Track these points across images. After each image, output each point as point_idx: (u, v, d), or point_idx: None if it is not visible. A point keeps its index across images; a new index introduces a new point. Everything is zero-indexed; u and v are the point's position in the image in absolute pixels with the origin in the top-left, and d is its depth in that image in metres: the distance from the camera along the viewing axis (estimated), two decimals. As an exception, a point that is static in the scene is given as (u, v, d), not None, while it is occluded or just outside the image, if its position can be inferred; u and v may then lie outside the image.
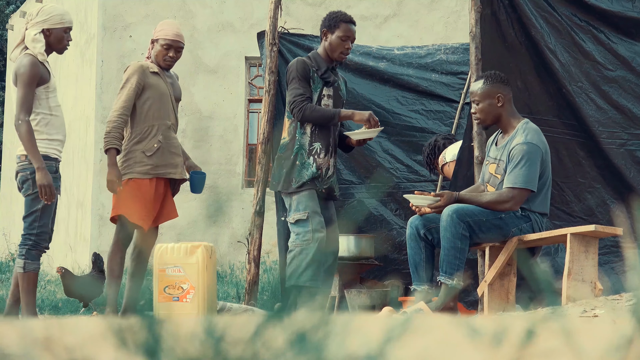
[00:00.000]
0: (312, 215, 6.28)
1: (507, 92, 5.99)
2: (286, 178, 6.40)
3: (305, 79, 6.38)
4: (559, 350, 1.51)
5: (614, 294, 5.03)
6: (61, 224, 14.58)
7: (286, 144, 6.45)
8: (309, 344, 1.31)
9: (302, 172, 6.37)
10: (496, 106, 5.94)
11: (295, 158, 6.40)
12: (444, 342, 1.68)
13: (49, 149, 6.05)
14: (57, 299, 8.68)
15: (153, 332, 1.32)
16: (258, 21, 13.34)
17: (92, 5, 14.16)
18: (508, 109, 5.98)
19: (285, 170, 6.41)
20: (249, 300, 7.15)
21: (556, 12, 6.94)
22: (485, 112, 5.94)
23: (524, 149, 5.79)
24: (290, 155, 6.41)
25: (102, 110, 13.66)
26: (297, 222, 6.29)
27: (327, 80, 6.44)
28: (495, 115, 5.97)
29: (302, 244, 6.24)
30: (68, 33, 6.22)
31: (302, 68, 6.37)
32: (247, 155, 13.89)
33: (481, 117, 5.97)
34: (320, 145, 6.42)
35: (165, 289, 6.43)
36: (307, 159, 6.39)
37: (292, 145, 6.42)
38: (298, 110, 6.33)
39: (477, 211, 5.74)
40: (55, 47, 6.21)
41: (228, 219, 13.61)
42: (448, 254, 5.65)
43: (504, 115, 5.97)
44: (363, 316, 1.83)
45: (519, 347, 1.43)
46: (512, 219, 5.84)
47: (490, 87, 5.94)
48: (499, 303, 5.99)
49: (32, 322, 2.14)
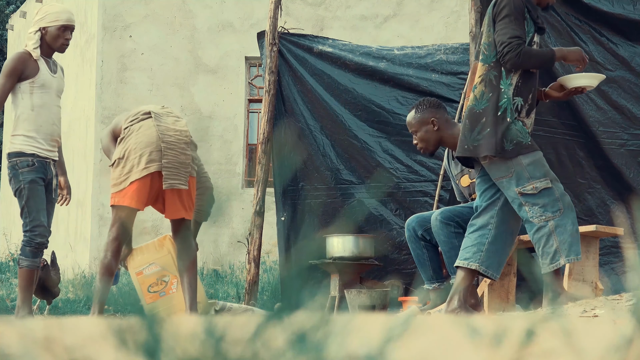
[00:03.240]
0: (554, 181, 5.17)
1: (441, 114, 6.02)
2: (495, 139, 5.14)
3: (521, 18, 5.19)
4: (559, 350, 1.51)
5: (614, 294, 5.03)
6: (61, 224, 14.58)
7: (487, 97, 5.19)
8: (309, 344, 1.31)
9: (514, 130, 5.18)
10: (433, 131, 5.95)
11: (505, 114, 5.18)
12: (444, 342, 1.69)
13: (24, 146, 6.06)
14: (56, 299, 8.68)
15: (153, 332, 1.32)
16: (258, 21, 13.34)
17: (92, 5, 14.16)
18: (446, 128, 5.99)
19: (489, 130, 5.15)
20: (249, 300, 7.15)
21: (556, 12, 6.95)
22: (425, 139, 5.97)
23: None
24: (496, 110, 5.17)
25: (102, 110, 13.66)
26: (541, 192, 5.09)
27: (540, 26, 5.31)
28: (435, 140, 6.00)
29: (554, 216, 5.09)
30: (67, 31, 6.21)
31: (519, 4, 5.16)
32: (247, 155, 13.89)
33: (423, 146, 6.00)
34: (522, 100, 5.25)
35: (149, 289, 6.45)
36: (515, 115, 5.22)
37: (497, 99, 5.18)
38: (515, 55, 5.09)
39: (464, 209, 5.73)
40: (53, 45, 6.21)
41: (228, 219, 13.61)
42: (449, 255, 5.65)
43: (445, 135, 5.99)
44: (363, 316, 1.84)
45: (519, 347, 1.43)
46: None
47: (422, 114, 5.99)
48: (499, 303, 5.99)
49: (32, 322, 2.14)
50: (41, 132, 6.12)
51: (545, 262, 5.05)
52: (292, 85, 7.59)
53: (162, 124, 6.05)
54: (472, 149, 5.16)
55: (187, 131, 6.14)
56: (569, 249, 5.03)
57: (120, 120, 6.25)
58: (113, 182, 5.98)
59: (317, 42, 7.69)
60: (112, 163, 6.03)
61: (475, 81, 5.23)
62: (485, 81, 5.18)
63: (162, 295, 6.45)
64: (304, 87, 7.58)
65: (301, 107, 7.58)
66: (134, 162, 5.94)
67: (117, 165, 5.97)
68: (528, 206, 5.08)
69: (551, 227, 5.05)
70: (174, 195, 6.01)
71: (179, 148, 6.01)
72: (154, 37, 13.66)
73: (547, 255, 5.05)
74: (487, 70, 5.19)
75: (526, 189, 5.07)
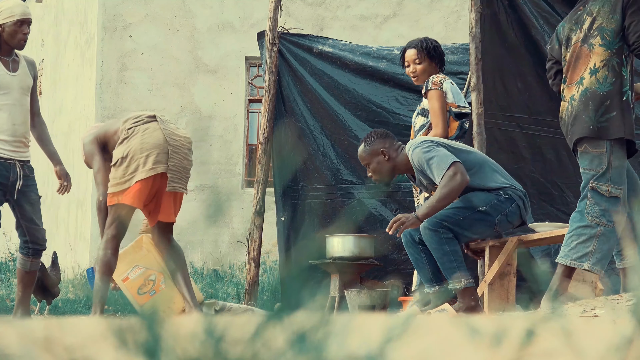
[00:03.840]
0: (624, 196, 5.08)
1: (389, 144, 6.01)
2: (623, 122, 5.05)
3: None
4: (559, 350, 1.51)
5: (614, 294, 5.03)
6: (61, 224, 14.59)
7: (611, 81, 5.07)
8: (309, 344, 1.31)
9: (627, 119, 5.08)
10: (384, 161, 5.97)
11: (628, 100, 5.10)
12: (444, 342, 1.69)
13: None
14: (56, 299, 8.69)
15: (153, 332, 1.32)
16: (258, 21, 13.34)
17: (92, 5, 14.16)
18: (397, 156, 5.99)
19: (615, 114, 5.03)
20: (249, 300, 7.15)
21: (556, 12, 6.94)
22: (378, 171, 5.98)
23: (419, 153, 5.78)
24: (621, 96, 5.08)
25: (102, 110, 13.66)
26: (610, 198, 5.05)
27: None
28: (388, 170, 6.00)
29: (607, 225, 5.02)
30: (24, 26, 6.02)
31: None
32: (247, 155, 13.89)
33: (377, 177, 6.01)
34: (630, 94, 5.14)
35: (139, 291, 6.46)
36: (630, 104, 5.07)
37: (620, 85, 5.07)
38: None
39: (450, 212, 5.72)
40: (10, 42, 6.03)
41: (228, 219, 13.61)
42: (443, 261, 5.65)
43: (397, 163, 5.99)
44: (363, 316, 1.84)
45: (519, 347, 1.43)
46: (493, 207, 5.77)
47: (371, 146, 5.99)
48: (499, 303, 5.99)
49: (32, 322, 2.14)
50: (1, 134, 6.03)
51: (570, 254, 5.04)
52: (292, 85, 7.59)
53: (167, 128, 6.10)
54: (597, 129, 5.06)
55: (189, 138, 6.22)
56: (599, 260, 5.01)
57: (109, 127, 6.27)
58: (115, 181, 5.99)
59: (317, 42, 7.69)
60: (114, 163, 6.04)
61: (593, 65, 5.12)
62: (608, 66, 5.09)
63: (153, 294, 6.47)
64: (304, 87, 7.58)
65: (301, 107, 7.58)
66: (140, 162, 5.96)
67: (119, 164, 5.99)
68: (591, 202, 5.05)
69: (598, 232, 5.02)
70: (170, 198, 6.09)
71: (183, 153, 6.08)
72: (154, 37, 13.66)
73: (578, 251, 5.04)
74: (609, 56, 5.09)
75: (600, 187, 5.05)
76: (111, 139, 6.29)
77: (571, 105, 5.19)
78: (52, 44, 16.32)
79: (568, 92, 5.26)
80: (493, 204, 5.74)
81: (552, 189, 7.07)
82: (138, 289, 6.47)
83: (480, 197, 5.75)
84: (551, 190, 7.06)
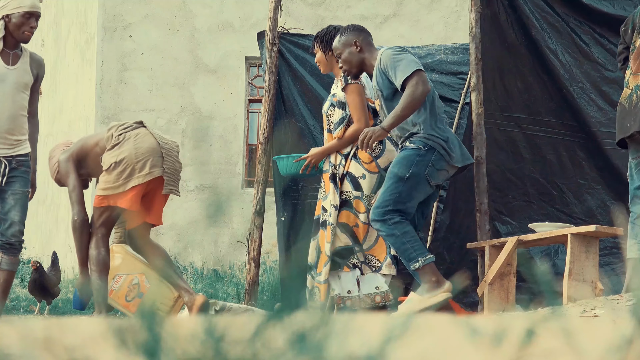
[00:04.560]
0: None
1: (364, 37, 6.09)
2: None
3: None
4: (559, 350, 1.51)
5: (614, 294, 5.03)
6: (61, 224, 14.58)
7: None
8: (309, 344, 1.31)
9: None
10: (356, 52, 6.03)
11: None
12: (444, 342, 1.69)
13: None
14: (56, 299, 8.68)
15: (153, 332, 1.32)
16: (258, 21, 13.34)
17: (92, 5, 14.15)
18: (368, 52, 6.06)
19: None
20: (249, 300, 7.15)
21: (556, 12, 6.94)
22: (348, 61, 6.05)
23: (389, 54, 5.84)
24: None
25: (102, 110, 13.66)
26: None
27: None
28: (357, 61, 6.05)
29: None
30: (31, 19, 5.88)
31: None
32: (247, 155, 13.89)
33: (347, 67, 6.06)
34: None
35: (126, 299, 6.49)
36: None
37: None
38: None
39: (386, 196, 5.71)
40: (16, 35, 5.89)
41: (228, 219, 13.60)
42: (397, 247, 5.67)
43: (367, 57, 6.05)
44: (363, 316, 1.84)
45: (519, 347, 1.43)
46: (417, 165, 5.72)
47: (346, 37, 6.07)
48: (499, 303, 5.99)
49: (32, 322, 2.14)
50: None
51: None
52: (292, 85, 7.59)
53: (155, 133, 6.27)
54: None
55: (176, 142, 6.41)
56: None
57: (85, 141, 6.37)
58: (107, 185, 6.11)
59: (317, 42, 7.69)
60: (107, 167, 6.16)
61: None
62: None
63: (142, 296, 6.49)
64: (304, 87, 7.58)
65: (301, 107, 7.58)
66: (137, 166, 6.08)
67: (112, 168, 6.12)
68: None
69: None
70: (162, 201, 6.25)
71: (174, 156, 6.24)
72: (154, 37, 13.65)
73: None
74: None
75: None
76: (91, 151, 6.34)
77: (636, 95, 5.17)
78: (52, 44, 16.32)
79: (633, 80, 5.24)
80: (416, 162, 5.73)
81: (552, 189, 7.07)
82: (125, 297, 6.51)
83: (402, 163, 5.74)
84: (551, 191, 7.06)
